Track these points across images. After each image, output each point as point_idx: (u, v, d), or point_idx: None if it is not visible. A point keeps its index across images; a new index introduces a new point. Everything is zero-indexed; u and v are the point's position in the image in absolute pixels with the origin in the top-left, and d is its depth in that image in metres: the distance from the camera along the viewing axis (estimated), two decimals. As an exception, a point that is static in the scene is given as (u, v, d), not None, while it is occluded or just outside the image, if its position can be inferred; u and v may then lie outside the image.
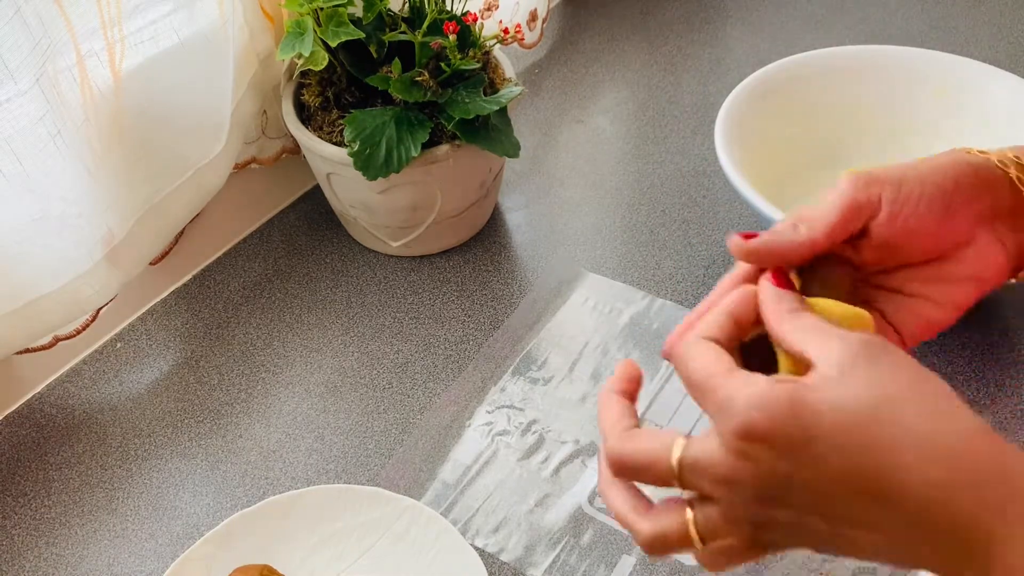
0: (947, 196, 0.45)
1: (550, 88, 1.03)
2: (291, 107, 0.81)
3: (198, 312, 0.82)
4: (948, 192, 0.45)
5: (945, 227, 0.45)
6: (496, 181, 0.85)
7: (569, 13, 1.13)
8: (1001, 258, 0.47)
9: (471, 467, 0.69)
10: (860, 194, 0.45)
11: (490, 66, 0.82)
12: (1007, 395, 0.71)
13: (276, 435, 0.72)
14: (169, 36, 0.73)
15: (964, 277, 0.47)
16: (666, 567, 0.63)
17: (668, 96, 1.01)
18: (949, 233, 0.46)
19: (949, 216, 0.45)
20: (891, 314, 0.48)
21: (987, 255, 0.46)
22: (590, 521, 0.66)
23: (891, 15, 1.10)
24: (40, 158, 0.65)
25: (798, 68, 0.85)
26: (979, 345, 0.74)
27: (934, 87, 0.84)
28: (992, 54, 1.02)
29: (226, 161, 0.80)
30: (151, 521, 0.68)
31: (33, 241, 0.68)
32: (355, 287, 0.83)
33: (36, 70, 0.62)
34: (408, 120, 0.74)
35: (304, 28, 0.74)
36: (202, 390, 0.76)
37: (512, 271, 0.84)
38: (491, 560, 0.64)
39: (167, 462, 0.71)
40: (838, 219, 0.44)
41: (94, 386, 0.77)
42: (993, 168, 0.47)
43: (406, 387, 0.75)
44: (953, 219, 0.45)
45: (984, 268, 0.47)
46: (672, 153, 0.94)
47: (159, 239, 0.78)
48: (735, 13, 1.12)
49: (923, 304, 0.47)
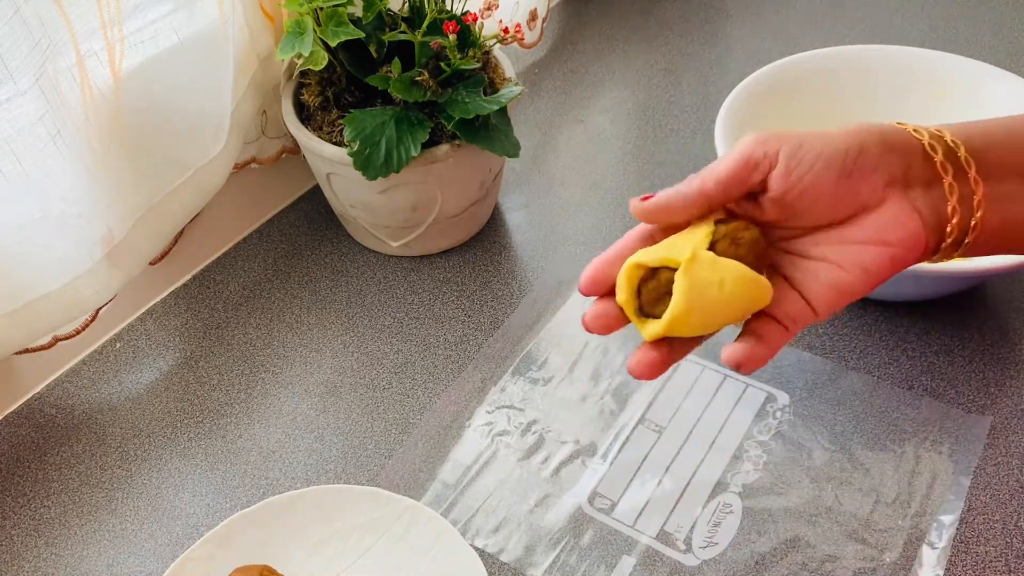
0: (848, 157, 0.46)
1: (550, 88, 1.03)
2: (291, 107, 0.81)
3: (198, 312, 0.82)
4: (851, 154, 0.46)
5: (844, 187, 0.46)
6: (496, 181, 0.85)
7: (569, 13, 1.13)
8: (914, 225, 0.47)
9: (471, 467, 0.69)
10: (756, 148, 0.46)
11: (490, 66, 0.82)
12: (1006, 395, 0.71)
13: (276, 435, 0.72)
14: (169, 36, 0.73)
15: (870, 240, 0.47)
16: (666, 567, 0.63)
17: (668, 96, 1.01)
18: (849, 194, 0.46)
19: (849, 177, 0.46)
20: (799, 280, 0.48)
21: (896, 220, 0.46)
22: (590, 521, 0.66)
23: (891, 15, 1.10)
24: (40, 158, 0.65)
25: (798, 68, 0.85)
26: (979, 345, 0.74)
27: (934, 87, 0.84)
28: (992, 54, 1.02)
29: (226, 161, 0.80)
30: (151, 521, 0.68)
31: (33, 241, 0.68)
32: (355, 287, 0.83)
33: (36, 70, 0.62)
34: (408, 120, 0.74)
35: (304, 28, 0.74)
36: (202, 390, 0.76)
37: (512, 271, 0.84)
38: (491, 560, 0.64)
39: (167, 462, 0.71)
40: (731, 172, 0.46)
41: (93, 386, 0.77)
42: (907, 136, 0.48)
43: (406, 387, 0.75)
44: (853, 180, 0.46)
45: (892, 232, 0.46)
46: (672, 153, 0.94)
47: (159, 239, 0.78)
48: (735, 13, 1.12)
49: (830, 269, 0.47)
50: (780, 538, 0.64)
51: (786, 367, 0.74)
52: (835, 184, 0.46)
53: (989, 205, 0.47)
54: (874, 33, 1.07)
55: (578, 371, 0.75)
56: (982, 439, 0.68)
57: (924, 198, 0.47)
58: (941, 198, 0.47)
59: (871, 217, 0.47)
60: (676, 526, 0.65)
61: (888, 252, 0.47)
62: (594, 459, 0.69)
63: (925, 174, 0.47)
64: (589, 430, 0.71)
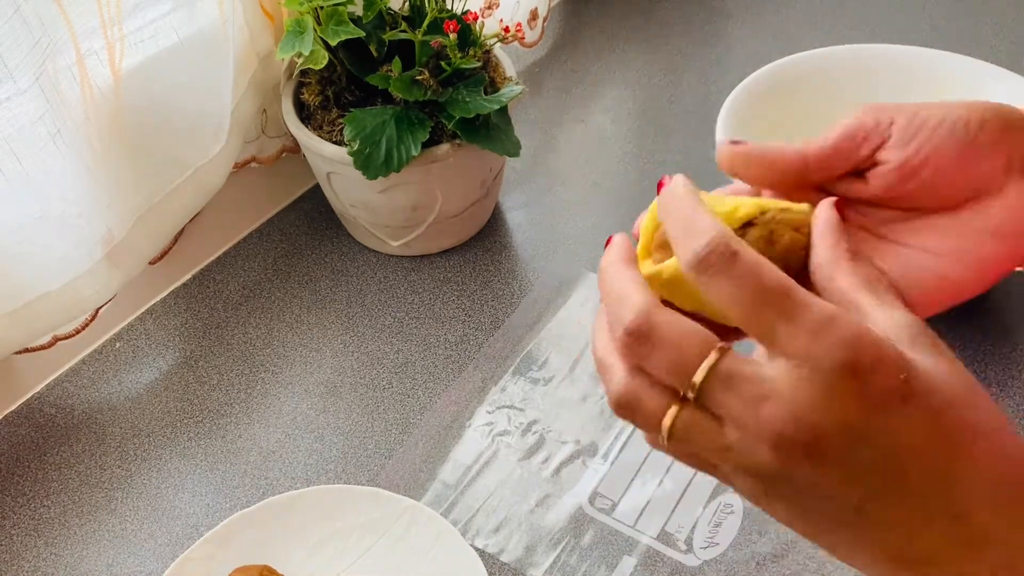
0: (971, 129, 0.39)
1: (551, 87, 1.03)
2: (291, 106, 0.80)
3: (198, 312, 0.82)
4: (973, 126, 0.39)
5: (967, 164, 0.40)
6: (496, 180, 0.85)
7: (570, 12, 1.13)
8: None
9: (471, 467, 0.69)
10: (867, 117, 0.40)
11: (490, 65, 0.82)
12: (1007, 395, 0.71)
13: (276, 435, 0.72)
14: (169, 35, 0.73)
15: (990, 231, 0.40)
16: (666, 567, 0.63)
17: (669, 96, 1.01)
18: (972, 173, 0.40)
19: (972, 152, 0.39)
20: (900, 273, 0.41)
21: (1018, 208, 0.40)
22: (591, 521, 0.66)
23: (892, 14, 1.10)
24: (40, 157, 0.65)
25: (799, 67, 0.85)
26: (979, 345, 0.74)
27: (935, 86, 0.84)
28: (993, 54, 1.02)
29: (226, 160, 0.79)
30: (151, 521, 0.68)
31: (33, 241, 0.68)
32: (355, 287, 0.83)
33: (36, 69, 0.62)
34: (408, 119, 0.74)
35: (304, 27, 0.74)
36: (202, 390, 0.76)
37: (512, 271, 0.83)
38: (491, 561, 0.64)
39: (167, 462, 0.71)
40: (837, 138, 0.40)
41: (93, 386, 0.77)
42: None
43: (406, 387, 0.75)
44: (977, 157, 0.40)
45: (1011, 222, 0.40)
46: (673, 152, 0.94)
47: (159, 239, 0.78)
48: (736, 13, 1.12)
49: (940, 261, 0.41)
50: (781, 538, 0.64)
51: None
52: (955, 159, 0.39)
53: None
54: (874, 33, 1.07)
55: (579, 371, 0.75)
56: (983, 439, 0.68)
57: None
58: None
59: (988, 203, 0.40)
60: (677, 526, 0.65)
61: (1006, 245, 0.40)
62: (595, 459, 0.69)
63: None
64: (590, 430, 0.71)
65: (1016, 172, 0.40)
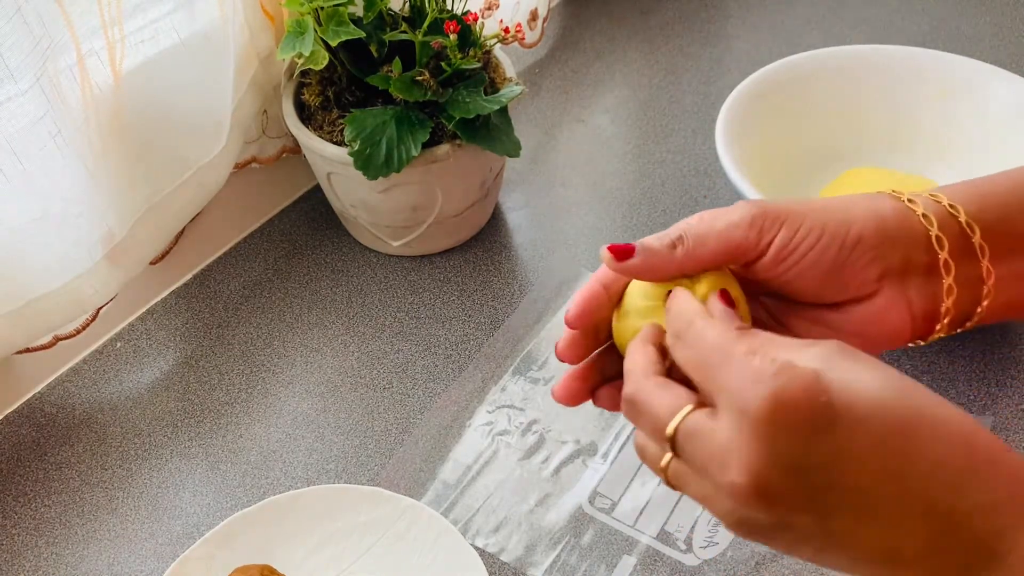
0: (843, 251, 0.43)
1: (551, 88, 1.03)
2: (291, 106, 0.81)
3: (198, 312, 0.82)
4: (847, 246, 0.43)
5: (832, 280, 0.44)
6: (497, 181, 0.85)
7: (570, 12, 1.13)
8: (901, 318, 0.44)
9: (471, 467, 0.69)
10: (750, 237, 0.43)
11: (491, 65, 0.82)
12: (1007, 395, 0.71)
13: (276, 435, 0.72)
14: (169, 35, 0.73)
15: (847, 332, 0.44)
16: (667, 567, 0.63)
17: (669, 96, 1.01)
18: (839, 285, 0.44)
19: (840, 271, 0.43)
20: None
21: (884, 314, 0.44)
22: (591, 521, 0.66)
23: (892, 15, 1.10)
24: (40, 158, 0.65)
25: (799, 68, 0.85)
26: (979, 345, 0.74)
27: (935, 87, 0.84)
28: (993, 54, 1.02)
29: (226, 161, 0.80)
30: (151, 521, 0.68)
31: (33, 241, 0.68)
32: (355, 287, 0.83)
33: (36, 69, 0.62)
34: (408, 119, 0.74)
35: (304, 27, 0.74)
36: (202, 390, 0.76)
37: (512, 271, 0.83)
38: (491, 560, 0.64)
39: (167, 462, 0.71)
40: (713, 256, 0.44)
41: (94, 386, 0.77)
42: (913, 223, 0.44)
43: (406, 387, 0.75)
44: (845, 273, 0.43)
45: (877, 327, 0.44)
46: (673, 153, 0.94)
47: (159, 239, 0.78)
48: (736, 13, 1.12)
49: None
50: (781, 538, 0.64)
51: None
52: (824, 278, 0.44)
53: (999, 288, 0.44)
54: (874, 33, 1.07)
55: (578, 371, 0.75)
56: (983, 439, 0.68)
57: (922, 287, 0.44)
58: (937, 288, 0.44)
59: (859, 308, 0.44)
60: (676, 526, 0.65)
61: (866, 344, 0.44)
62: (595, 459, 0.69)
63: (927, 262, 0.44)
64: (589, 430, 0.71)
65: (891, 277, 0.44)
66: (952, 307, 0.44)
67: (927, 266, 0.44)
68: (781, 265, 0.44)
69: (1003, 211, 0.45)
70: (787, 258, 0.43)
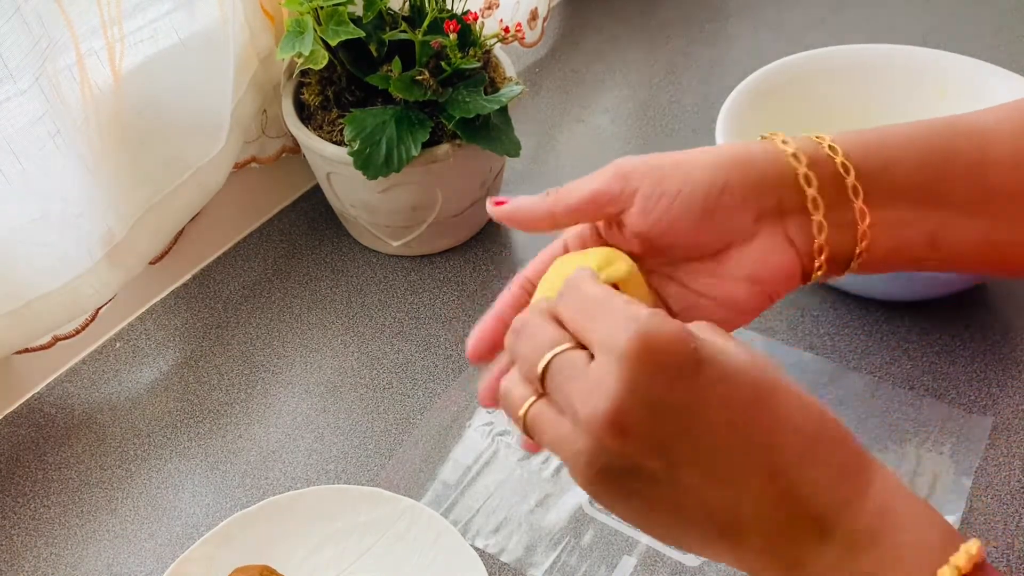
0: (710, 197, 0.44)
1: (551, 87, 1.03)
2: (291, 106, 0.81)
3: (198, 312, 0.82)
4: (712, 193, 0.44)
5: (707, 226, 0.44)
6: (497, 180, 0.85)
7: (570, 12, 1.13)
8: (785, 258, 0.45)
9: (471, 467, 0.69)
10: (614, 184, 0.45)
11: (491, 65, 0.82)
12: (1007, 395, 0.71)
13: (276, 435, 0.72)
14: (169, 35, 0.73)
15: (740, 277, 0.45)
16: (667, 567, 0.63)
17: (669, 95, 1.01)
18: (713, 232, 0.45)
19: (712, 217, 0.44)
20: (677, 310, 0.47)
21: (767, 255, 0.45)
22: (591, 521, 0.66)
23: (892, 14, 1.10)
24: (40, 157, 0.65)
25: (799, 67, 0.85)
26: (980, 345, 0.74)
27: (935, 86, 0.84)
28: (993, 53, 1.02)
29: (226, 160, 0.79)
30: (151, 521, 0.68)
31: (33, 241, 0.68)
32: (355, 287, 0.83)
33: (36, 69, 0.62)
34: (408, 119, 0.74)
35: (304, 27, 0.74)
36: (202, 390, 0.76)
37: (512, 271, 0.83)
38: (491, 561, 0.64)
39: (167, 462, 0.71)
40: (582, 202, 0.45)
41: (93, 386, 0.77)
42: (781, 164, 0.45)
43: (406, 387, 0.75)
44: (717, 219, 0.44)
45: (762, 268, 0.45)
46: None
47: (159, 238, 0.78)
48: (736, 12, 1.12)
49: (704, 302, 0.46)
50: (781, 538, 0.64)
51: (787, 367, 0.74)
52: (696, 224, 0.44)
53: (878, 232, 0.45)
54: (875, 32, 1.07)
55: (579, 371, 0.75)
56: (983, 440, 0.68)
57: (800, 227, 0.45)
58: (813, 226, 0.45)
59: (740, 252, 0.45)
60: (677, 526, 0.65)
61: (758, 289, 0.46)
62: (595, 459, 0.69)
63: (800, 202, 0.45)
64: (590, 430, 0.71)
65: (768, 218, 0.45)
66: (826, 244, 0.45)
67: (802, 205, 0.45)
68: (651, 215, 0.44)
69: (885, 159, 0.46)
70: (655, 207, 0.44)
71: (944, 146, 0.47)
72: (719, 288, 0.46)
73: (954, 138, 0.47)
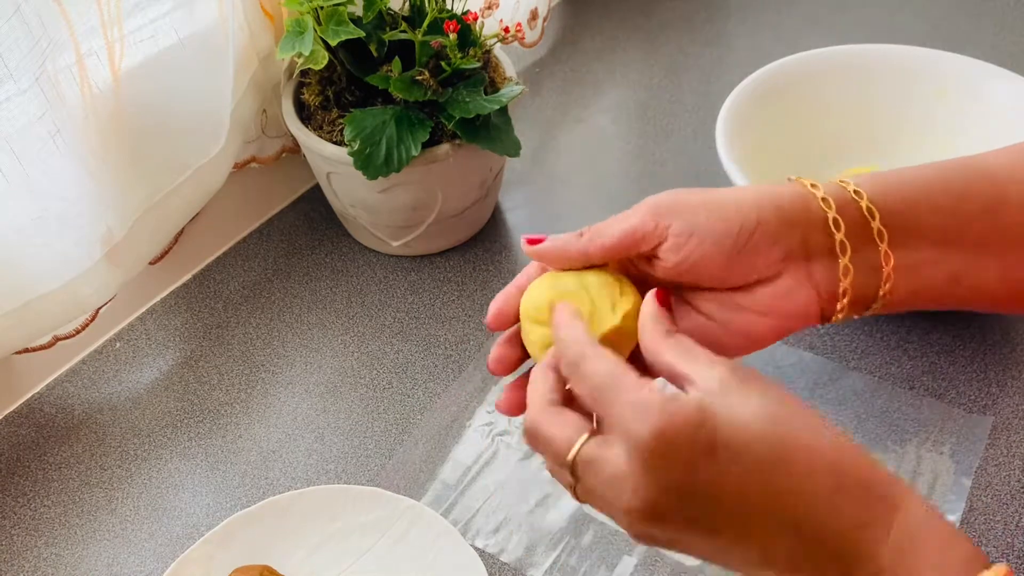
0: (742, 235, 0.45)
1: (551, 87, 1.03)
2: (291, 106, 0.80)
3: (198, 312, 0.82)
4: (744, 231, 0.45)
5: (737, 264, 0.46)
6: (496, 180, 0.85)
7: (570, 12, 1.13)
8: (808, 297, 0.47)
9: (471, 467, 0.69)
10: (648, 222, 0.46)
11: (491, 65, 0.82)
12: (1007, 395, 0.71)
13: (276, 435, 0.72)
14: (168, 35, 0.73)
15: (759, 312, 0.47)
16: (667, 567, 0.63)
17: (669, 95, 1.01)
18: (742, 269, 0.46)
19: (741, 254, 0.46)
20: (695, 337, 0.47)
21: (789, 294, 0.46)
22: (591, 522, 0.66)
23: (892, 14, 1.10)
24: (40, 157, 0.65)
25: (799, 67, 0.85)
26: (980, 345, 0.74)
27: (935, 86, 0.84)
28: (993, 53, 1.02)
29: (226, 160, 0.79)
30: (151, 521, 0.68)
31: (33, 241, 0.68)
32: (355, 287, 0.83)
33: (36, 69, 0.62)
34: (408, 119, 0.74)
35: (304, 27, 0.74)
36: (202, 390, 0.76)
37: (512, 271, 0.83)
38: (491, 561, 0.64)
39: (167, 462, 0.71)
40: (616, 242, 0.47)
41: (93, 386, 0.77)
42: (811, 206, 0.47)
43: (406, 387, 0.75)
44: (746, 256, 0.46)
45: (781, 305, 0.46)
46: (673, 153, 0.94)
47: (159, 238, 0.78)
48: (736, 12, 1.12)
49: (719, 330, 0.48)
50: (781, 538, 0.64)
51: (787, 367, 0.74)
52: (726, 262, 0.46)
53: (901, 273, 0.47)
54: (874, 33, 1.07)
55: (579, 371, 0.75)
56: (983, 439, 0.68)
57: (824, 269, 0.47)
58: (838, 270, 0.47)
59: (765, 289, 0.47)
60: (677, 526, 0.65)
61: (772, 323, 0.47)
62: (595, 459, 0.69)
63: (827, 244, 0.46)
64: (590, 430, 0.71)
65: (795, 259, 0.46)
66: (850, 287, 0.47)
67: (828, 247, 0.46)
68: (683, 251, 0.46)
69: (906, 203, 0.47)
70: (687, 243, 0.46)
71: (960, 189, 0.48)
72: (736, 320, 0.47)
73: (969, 180, 0.49)
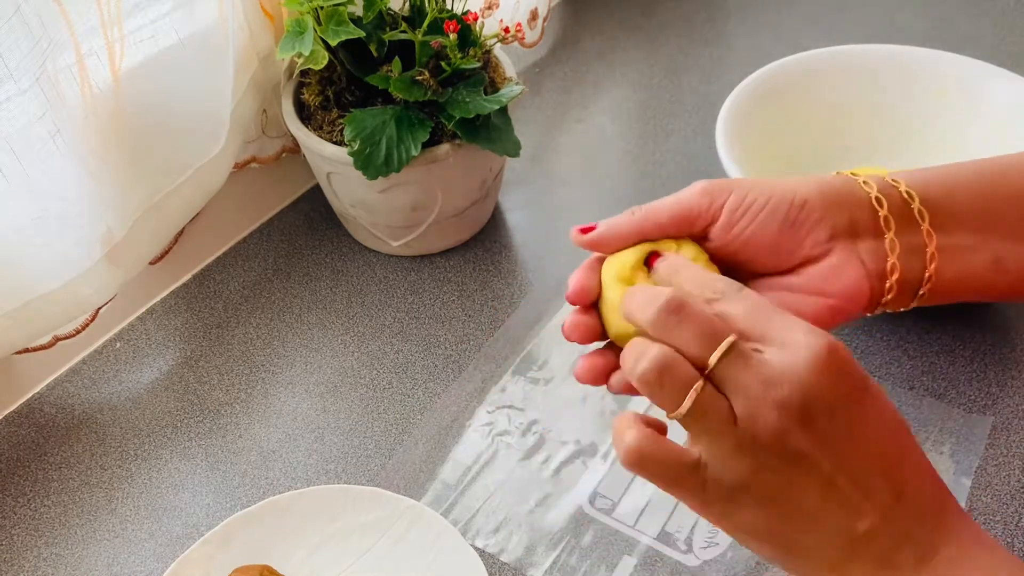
0: (792, 211, 0.47)
1: (551, 87, 1.03)
2: (291, 106, 0.81)
3: (198, 312, 0.82)
4: (794, 207, 0.47)
5: (786, 240, 0.47)
6: (496, 180, 0.85)
7: (570, 12, 1.13)
8: (856, 276, 0.47)
9: (471, 467, 0.69)
10: (699, 200, 0.48)
11: (491, 65, 0.82)
12: (1007, 395, 0.71)
13: (276, 435, 0.72)
14: (169, 35, 0.73)
15: (809, 290, 0.48)
16: (667, 567, 0.63)
17: (669, 95, 1.01)
18: (791, 246, 0.47)
19: (791, 229, 0.47)
20: None
21: (838, 271, 0.47)
22: (591, 522, 0.66)
23: (892, 14, 1.10)
24: (40, 157, 0.65)
25: (799, 67, 0.85)
26: (980, 345, 0.74)
27: (935, 86, 0.84)
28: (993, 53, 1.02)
29: (226, 160, 0.79)
30: (151, 521, 0.68)
31: (33, 241, 0.68)
32: (355, 287, 0.83)
33: (36, 69, 0.62)
34: (408, 119, 0.74)
35: (304, 27, 0.74)
36: (202, 390, 0.76)
37: (512, 271, 0.83)
38: (491, 561, 0.64)
39: (167, 462, 0.71)
40: (671, 217, 0.48)
41: (94, 386, 0.77)
42: (854, 187, 0.48)
43: (406, 387, 0.75)
44: (796, 232, 0.47)
45: (832, 283, 0.47)
46: (673, 153, 0.94)
47: (159, 238, 0.78)
48: (736, 12, 1.12)
49: None
50: (781, 538, 0.64)
51: (787, 367, 0.74)
52: (776, 238, 0.47)
53: (944, 257, 0.48)
54: (875, 33, 1.07)
55: (579, 371, 0.75)
56: (983, 439, 0.68)
57: (872, 250, 0.47)
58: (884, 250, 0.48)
59: (814, 268, 0.48)
60: (677, 526, 0.65)
61: (827, 303, 0.48)
62: (595, 459, 0.69)
63: (873, 225, 0.48)
64: (590, 430, 0.71)
65: (842, 238, 0.47)
66: (899, 263, 0.47)
67: (874, 226, 0.48)
68: (735, 228, 0.47)
69: (944, 188, 0.49)
70: (739, 221, 0.47)
71: (995, 179, 0.50)
72: (788, 301, 0.48)
73: (1004, 171, 0.51)
